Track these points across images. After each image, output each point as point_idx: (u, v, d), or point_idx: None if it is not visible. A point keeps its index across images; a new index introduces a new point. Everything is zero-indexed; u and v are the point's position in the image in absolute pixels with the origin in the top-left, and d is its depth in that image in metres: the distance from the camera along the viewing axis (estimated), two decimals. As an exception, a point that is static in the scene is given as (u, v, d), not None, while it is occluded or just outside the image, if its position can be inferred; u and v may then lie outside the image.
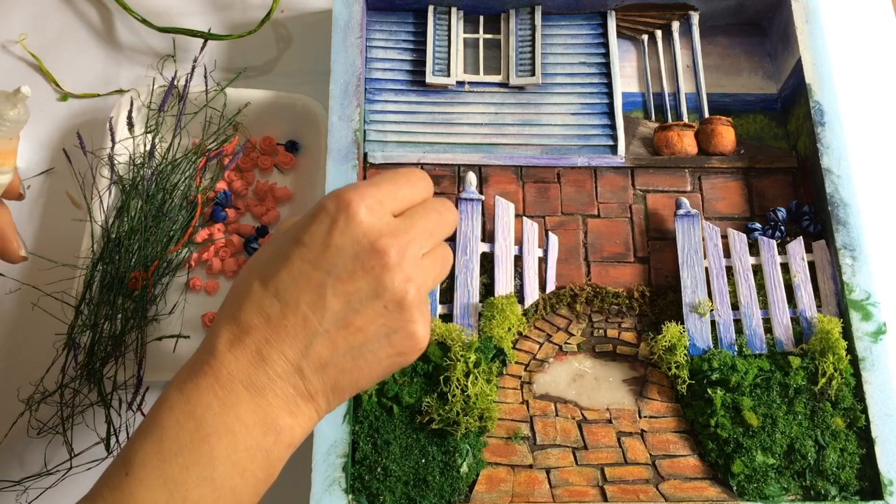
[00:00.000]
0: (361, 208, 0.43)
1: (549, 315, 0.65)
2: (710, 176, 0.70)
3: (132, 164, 0.68)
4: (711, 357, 0.61)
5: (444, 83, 0.73)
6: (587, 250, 0.67)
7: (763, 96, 0.74)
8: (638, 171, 0.70)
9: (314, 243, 0.42)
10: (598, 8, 0.76)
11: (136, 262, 0.64)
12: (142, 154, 0.69)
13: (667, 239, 0.67)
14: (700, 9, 0.75)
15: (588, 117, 0.72)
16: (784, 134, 0.72)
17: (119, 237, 0.65)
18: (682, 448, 0.60)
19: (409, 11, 0.75)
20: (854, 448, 0.59)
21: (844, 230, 0.64)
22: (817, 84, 0.69)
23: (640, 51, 0.76)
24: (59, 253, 0.68)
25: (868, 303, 0.62)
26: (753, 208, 0.69)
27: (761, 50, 0.76)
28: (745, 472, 0.58)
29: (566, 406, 0.61)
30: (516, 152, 0.71)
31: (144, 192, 0.67)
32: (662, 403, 0.62)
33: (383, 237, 0.43)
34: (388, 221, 0.44)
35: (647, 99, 0.74)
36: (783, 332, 0.63)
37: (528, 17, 0.75)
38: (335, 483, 0.55)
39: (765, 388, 0.60)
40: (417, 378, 0.60)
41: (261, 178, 0.72)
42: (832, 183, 0.66)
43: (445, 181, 0.69)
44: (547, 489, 0.58)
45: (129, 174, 0.68)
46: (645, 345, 0.63)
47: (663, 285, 0.66)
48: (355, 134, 0.66)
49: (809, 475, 0.58)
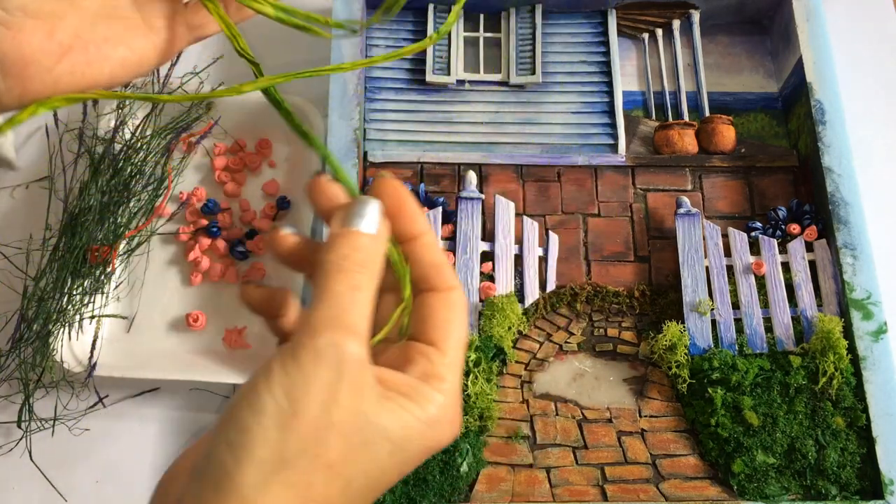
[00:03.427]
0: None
1: (549, 314, 0.65)
2: (710, 175, 0.70)
3: (95, 138, 0.68)
4: (712, 356, 0.61)
5: (444, 82, 0.73)
6: (587, 249, 0.67)
7: (764, 95, 0.74)
8: (638, 169, 0.70)
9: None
10: (598, 6, 0.76)
11: (102, 236, 0.64)
12: (111, 129, 0.69)
13: (667, 238, 0.67)
14: (701, 7, 0.75)
15: (588, 116, 0.72)
16: (785, 133, 0.72)
17: (81, 210, 0.64)
18: (682, 447, 0.60)
19: (409, 10, 0.75)
20: (854, 447, 0.59)
21: (845, 229, 0.64)
22: (818, 83, 0.69)
23: (641, 49, 0.76)
24: (26, 224, 0.68)
25: (869, 302, 0.62)
26: (754, 207, 0.69)
27: (762, 48, 0.76)
28: (745, 472, 0.58)
29: (566, 405, 0.61)
30: (516, 151, 0.70)
31: (111, 166, 0.66)
32: (663, 403, 0.61)
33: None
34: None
35: (647, 97, 0.74)
36: (784, 331, 0.63)
37: (528, 16, 0.75)
38: (335, 482, 0.55)
39: (765, 388, 0.60)
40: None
41: (252, 179, 0.71)
42: (833, 182, 0.66)
43: (445, 180, 0.69)
44: (547, 488, 0.58)
45: (93, 148, 0.68)
46: (645, 344, 0.63)
47: (664, 284, 0.66)
48: (355, 133, 0.66)
49: (810, 474, 0.58)
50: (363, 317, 0.32)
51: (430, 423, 0.33)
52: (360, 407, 0.31)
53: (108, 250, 0.64)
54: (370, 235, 0.33)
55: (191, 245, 0.68)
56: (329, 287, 0.32)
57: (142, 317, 0.66)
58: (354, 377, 0.30)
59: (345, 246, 0.33)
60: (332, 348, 0.30)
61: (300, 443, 0.29)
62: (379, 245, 0.34)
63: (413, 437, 0.32)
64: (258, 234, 0.69)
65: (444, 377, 0.34)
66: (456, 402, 0.34)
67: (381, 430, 0.31)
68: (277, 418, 0.29)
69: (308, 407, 0.29)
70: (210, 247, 0.68)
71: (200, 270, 0.67)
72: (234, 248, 0.67)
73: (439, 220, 0.66)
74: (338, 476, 0.30)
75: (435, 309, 0.35)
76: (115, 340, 0.65)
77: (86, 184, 0.66)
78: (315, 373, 0.30)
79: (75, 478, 0.62)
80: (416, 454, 0.33)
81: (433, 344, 0.35)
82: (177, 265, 0.68)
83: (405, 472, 0.33)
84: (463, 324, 0.35)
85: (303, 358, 0.30)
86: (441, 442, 0.34)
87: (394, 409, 0.32)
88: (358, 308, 0.32)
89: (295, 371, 0.30)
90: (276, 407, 0.29)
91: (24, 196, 0.72)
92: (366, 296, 0.32)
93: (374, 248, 0.33)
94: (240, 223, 0.70)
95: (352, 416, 0.30)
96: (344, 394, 0.30)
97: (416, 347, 0.35)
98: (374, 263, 0.33)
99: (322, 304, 0.31)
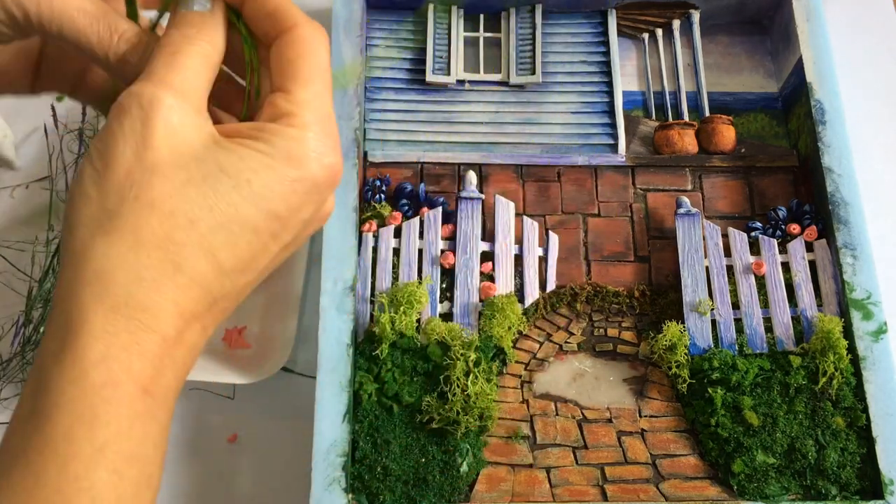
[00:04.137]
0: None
1: (549, 314, 0.65)
2: (710, 175, 0.70)
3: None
4: (712, 356, 0.61)
5: (444, 82, 0.73)
6: (587, 249, 0.67)
7: (764, 95, 0.74)
8: (638, 169, 0.70)
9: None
10: (598, 6, 0.76)
11: None
12: None
13: (667, 238, 0.67)
14: (701, 7, 0.75)
15: (588, 116, 0.72)
16: (785, 133, 0.72)
17: None
18: (682, 447, 0.60)
19: (409, 10, 0.75)
20: (855, 447, 0.59)
21: (845, 229, 0.64)
22: (818, 82, 0.69)
23: (641, 49, 0.76)
24: (26, 224, 0.68)
25: (869, 302, 0.62)
26: (754, 207, 0.69)
27: (762, 48, 0.76)
28: (745, 472, 0.58)
29: (566, 405, 0.61)
30: (516, 151, 0.70)
31: None
32: (663, 403, 0.61)
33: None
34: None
35: (647, 97, 0.74)
36: (784, 331, 0.63)
37: (528, 16, 0.75)
38: (335, 482, 0.55)
39: (765, 388, 0.60)
40: (417, 377, 0.60)
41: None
42: (833, 182, 0.66)
43: (445, 180, 0.69)
44: (547, 488, 0.58)
45: None
46: (645, 344, 0.63)
47: (664, 284, 0.66)
48: (355, 133, 0.66)
49: (810, 474, 0.58)
50: (185, 78, 0.32)
51: (282, 157, 0.31)
52: (181, 147, 0.30)
53: None
54: (199, 13, 0.33)
55: None
56: (151, 60, 0.32)
57: None
58: (167, 121, 0.30)
59: (173, 28, 0.33)
60: (134, 98, 0.30)
61: (116, 191, 0.29)
62: (209, 19, 0.33)
63: (259, 169, 0.31)
64: None
65: (294, 113, 0.32)
66: (320, 136, 0.32)
67: (215, 164, 0.30)
68: (93, 178, 0.30)
69: (117, 158, 0.30)
70: None
71: None
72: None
73: (439, 220, 0.66)
74: (169, 214, 0.29)
75: (278, 54, 0.34)
76: None
77: None
78: (119, 125, 0.30)
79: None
80: (273, 188, 0.31)
81: (280, 89, 0.33)
82: None
83: (278, 216, 0.31)
84: (314, 58, 0.33)
85: (109, 118, 0.30)
86: (309, 176, 0.32)
87: (231, 147, 0.31)
88: (178, 69, 0.32)
89: (103, 132, 0.30)
90: (91, 169, 0.30)
91: (25, 196, 0.72)
92: (191, 60, 0.32)
93: (203, 21, 0.33)
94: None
95: (170, 156, 0.30)
96: (156, 137, 0.30)
97: (267, 99, 0.33)
98: (204, 34, 0.33)
99: (141, 75, 0.32)
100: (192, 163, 0.30)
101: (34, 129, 0.74)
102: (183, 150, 0.30)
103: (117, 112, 0.30)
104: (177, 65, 0.32)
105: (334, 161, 0.33)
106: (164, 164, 0.30)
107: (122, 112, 0.30)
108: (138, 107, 0.30)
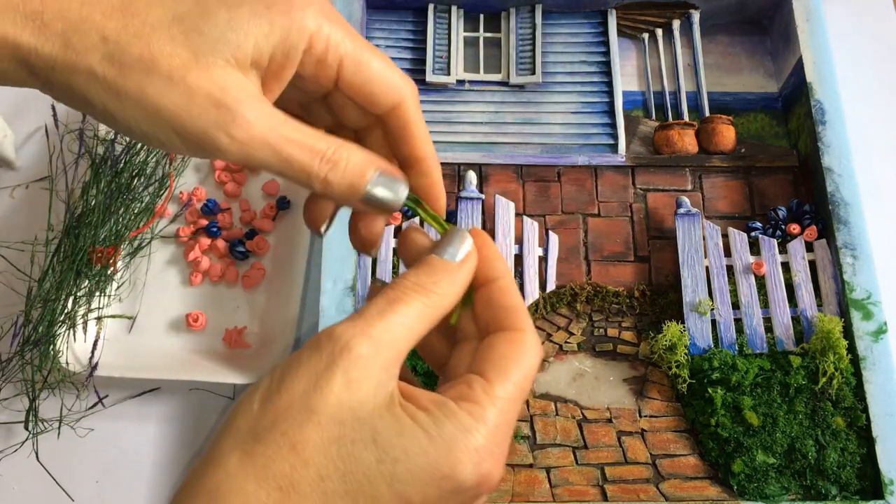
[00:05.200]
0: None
1: (549, 314, 0.65)
2: (710, 175, 0.70)
3: (96, 139, 0.68)
4: (712, 356, 0.61)
5: (444, 82, 0.73)
6: (587, 249, 0.67)
7: (764, 95, 0.74)
8: (638, 169, 0.70)
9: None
10: (598, 6, 0.76)
11: (104, 237, 0.64)
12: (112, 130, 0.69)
13: (667, 238, 0.67)
14: (701, 7, 0.75)
15: (588, 116, 0.72)
16: (785, 133, 0.72)
17: (84, 212, 0.65)
18: (682, 447, 0.60)
19: (409, 10, 0.75)
20: (854, 447, 0.59)
21: (845, 229, 0.64)
22: (818, 83, 0.69)
23: (641, 49, 0.76)
24: (26, 225, 0.68)
25: (869, 302, 0.62)
26: (754, 207, 0.69)
27: (762, 48, 0.76)
28: (745, 472, 0.58)
29: (566, 405, 0.61)
30: (516, 151, 0.70)
31: (112, 167, 0.66)
32: (663, 403, 0.61)
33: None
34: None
35: (647, 98, 0.74)
36: (784, 331, 0.63)
37: (528, 16, 0.75)
38: (335, 482, 0.55)
39: (765, 388, 0.60)
40: (417, 377, 0.60)
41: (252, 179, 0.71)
42: (833, 182, 0.66)
43: (445, 180, 0.69)
44: (547, 488, 0.58)
45: (93, 149, 0.67)
46: (645, 344, 0.63)
47: (664, 284, 0.66)
48: (355, 133, 0.66)
49: (810, 474, 0.58)
50: (390, 330, 0.31)
51: (442, 446, 0.30)
52: (349, 402, 0.30)
53: (111, 251, 0.64)
54: (444, 262, 0.33)
55: (191, 245, 0.68)
56: (372, 301, 0.32)
57: (142, 317, 0.66)
58: (348, 371, 0.30)
59: (410, 271, 0.33)
60: (331, 341, 0.30)
61: (273, 418, 0.29)
62: (454, 276, 0.33)
63: (413, 451, 0.29)
64: (258, 234, 0.69)
65: (482, 404, 0.31)
66: (491, 438, 0.30)
67: (371, 431, 0.29)
68: (263, 394, 0.30)
69: (290, 388, 0.30)
70: (210, 247, 0.68)
71: (200, 270, 0.67)
72: (234, 248, 0.67)
73: (439, 220, 0.66)
74: (305, 463, 0.29)
75: (496, 345, 0.33)
76: (115, 340, 0.65)
77: (87, 185, 0.66)
78: (308, 358, 0.30)
79: (75, 478, 0.62)
80: (418, 476, 0.29)
81: (482, 374, 0.32)
82: (177, 265, 0.68)
83: (405, 496, 0.29)
84: (525, 366, 0.33)
85: (306, 345, 0.31)
86: (458, 477, 0.30)
87: (398, 416, 0.30)
88: (388, 319, 0.31)
89: (296, 355, 0.31)
90: (267, 384, 0.30)
91: (24, 196, 0.72)
92: (408, 310, 0.32)
93: (445, 271, 0.33)
94: (240, 223, 0.70)
95: (334, 408, 0.29)
96: (332, 384, 0.30)
97: (465, 377, 0.33)
98: (439, 287, 0.33)
99: (356, 312, 0.32)
100: (350, 421, 0.30)
101: (35, 129, 0.74)
102: (349, 406, 0.30)
103: (312, 343, 0.31)
104: (389, 313, 0.31)
105: (491, 470, 0.31)
106: (324, 413, 0.30)
107: (315, 346, 0.30)
108: (329, 349, 0.30)
